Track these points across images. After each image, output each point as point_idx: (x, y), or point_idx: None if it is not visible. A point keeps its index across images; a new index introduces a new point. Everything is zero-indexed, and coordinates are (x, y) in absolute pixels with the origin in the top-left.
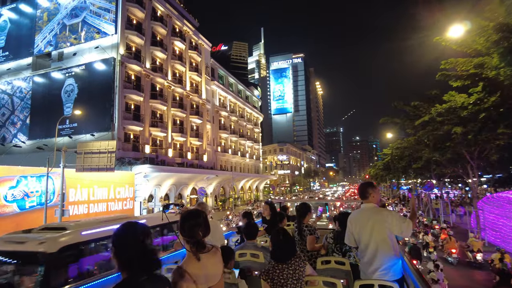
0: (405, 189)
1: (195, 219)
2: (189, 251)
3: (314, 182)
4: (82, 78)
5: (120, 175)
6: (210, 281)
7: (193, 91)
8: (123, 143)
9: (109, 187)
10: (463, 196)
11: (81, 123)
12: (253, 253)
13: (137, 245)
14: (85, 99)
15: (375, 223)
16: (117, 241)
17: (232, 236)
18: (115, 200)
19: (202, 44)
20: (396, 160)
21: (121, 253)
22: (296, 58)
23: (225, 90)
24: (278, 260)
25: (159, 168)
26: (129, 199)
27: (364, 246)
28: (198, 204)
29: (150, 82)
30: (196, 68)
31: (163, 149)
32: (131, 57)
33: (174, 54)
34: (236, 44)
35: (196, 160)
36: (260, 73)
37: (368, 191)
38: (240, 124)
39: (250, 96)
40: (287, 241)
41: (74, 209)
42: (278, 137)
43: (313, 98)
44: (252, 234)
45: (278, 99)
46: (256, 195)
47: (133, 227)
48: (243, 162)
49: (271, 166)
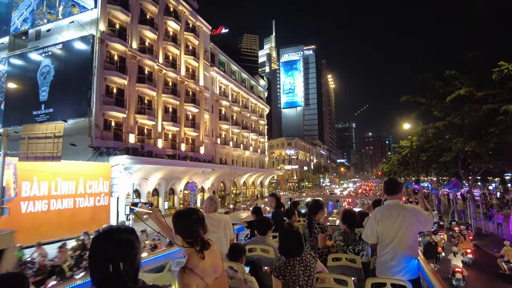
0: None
1: (194, 216)
2: (189, 252)
3: (324, 178)
4: (59, 59)
5: (92, 166)
6: (216, 272)
7: (188, 76)
8: (102, 131)
9: (77, 180)
10: (502, 197)
11: (57, 108)
12: (263, 248)
13: (102, 267)
14: (61, 81)
15: (405, 219)
16: (89, 255)
17: (242, 231)
18: (85, 195)
19: (201, 27)
20: (417, 152)
21: (91, 272)
22: (308, 50)
23: (226, 77)
24: (286, 255)
25: (140, 160)
26: (103, 195)
27: (387, 243)
28: (209, 197)
29: (137, 64)
30: (193, 52)
31: (152, 139)
32: (114, 35)
33: (167, 35)
34: (247, 37)
35: (191, 152)
36: (271, 67)
37: (399, 187)
38: (243, 115)
39: (255, 86)
40: (294, 235)
41: (28, 206)
42: (287, 132)
43: (324, 92)
44: (264, 230)
45: (288, 92)
46: (261, 191)
47: (101, 239)
48: (246, 155)
49: (278, 161)
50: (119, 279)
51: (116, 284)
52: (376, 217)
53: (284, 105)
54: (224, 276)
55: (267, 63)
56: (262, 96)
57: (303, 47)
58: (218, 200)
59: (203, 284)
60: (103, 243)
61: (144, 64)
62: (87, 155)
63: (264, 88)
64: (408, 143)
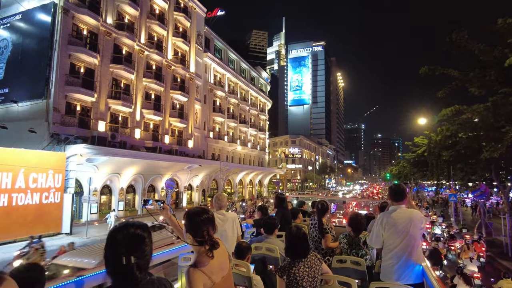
0: (427, 189)
1: (204, 216)
2: (198, 251)
3: (330, 179)
4: (18, 31)
5: (39, 155)
6: (223, 271)
7: (177, 61)
8: (64, 115)
9: (15, 172)
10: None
11: (13, 87)
12: (269, 247)
13: (116, 259)
14: (19, 57)
15: (410, 225)
16: (104, 248)
17: (248, 229)
18: (27, 190)
19: (193, 7)
20: (437, 150)
21: (106, 263)
22: (317, 46)
23: (222, 65)
24: (292, 257)
25: (103, 151)
26: (54, 190)
27: (392, 248)
28: (216, 196)
29: (112, 42)
30: (183, 34)
31: (128, 128)
32: (83, 6)
33: (152, 13)
34: (256, 33)
35: (177, 146)
36: (280, 64)
37: (405, 193)
38: (241, 108)
39: (256, 78)
40: (302, 237)
41: None
42: (293, 130)
43: (333, 90)
44: (270, 229)
45: (296, 90)
46: (259, 191)
47: (117, 233)
48: (243, 152)
49: (281, 159)
50: (131, 271)
51: (127, 275)
52: (382, 223)
53: (291, 102)
54: (231, 275)
55: (276, 60)
56: (264, 89)
57: (312, 43)
58: (224, 198)
59: (210, 283)
60: (118, 237)
61: (121, 43)
62: (43, 144)
63: (267, 80)
64: (424, 140)
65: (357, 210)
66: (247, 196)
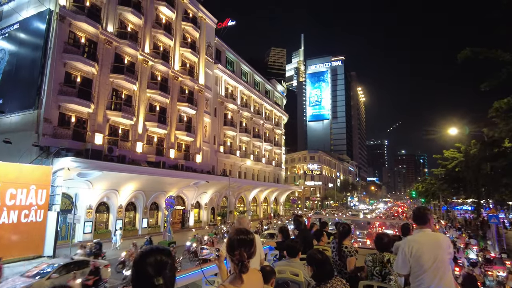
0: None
1: (240, 236)
2: (233, 271)
3: (352, 196)
4: (15, 40)
5: (18, 169)
6: None
7: (185, 72)
8: (57, 127)
9: None
10: None
11: (8, 98)
12: (293, 271)
13: (144, 282)
14: (14, 67)
15: (439, 248)
16: (132, 271)
17: (270, 251)
18: (3, 208)
19: (203, 18)
20: (476, 163)
21: (133, 284)
22: (336, 61)
23: (234, 78)
24: (318, 281)
25: (94, 164)
26: (35, 208)
27: (420, 273)
28: (238, 219)
29: (113, 50)
30: (192, 45)
31: (129, 141)
32: (81, 13)
33: (157, 23)
34: (274, 50)
35: (184, 161)
36: (299, 80)
37: (428, 217)
38: (255, 122)
39: (271, 91)
40: (326, 263)
41: None
42: (313, 146)
43: (354, 105)
44: (293, 252)
45: (315, 105)
46: (275, 209)
47: (143, 257)
48: (257, 168)
49: (299, 176)
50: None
51: None
52: (409, 249)
53: (310, 118)
54: None
55: (295, 77)
56: (280, 102)
57: (331, 58)
58: (246, 220)
59: None
60: (146, 263)
61: (123, 52)
62: (32, 157)
63: (282, 94)
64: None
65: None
66: (261, 215)
